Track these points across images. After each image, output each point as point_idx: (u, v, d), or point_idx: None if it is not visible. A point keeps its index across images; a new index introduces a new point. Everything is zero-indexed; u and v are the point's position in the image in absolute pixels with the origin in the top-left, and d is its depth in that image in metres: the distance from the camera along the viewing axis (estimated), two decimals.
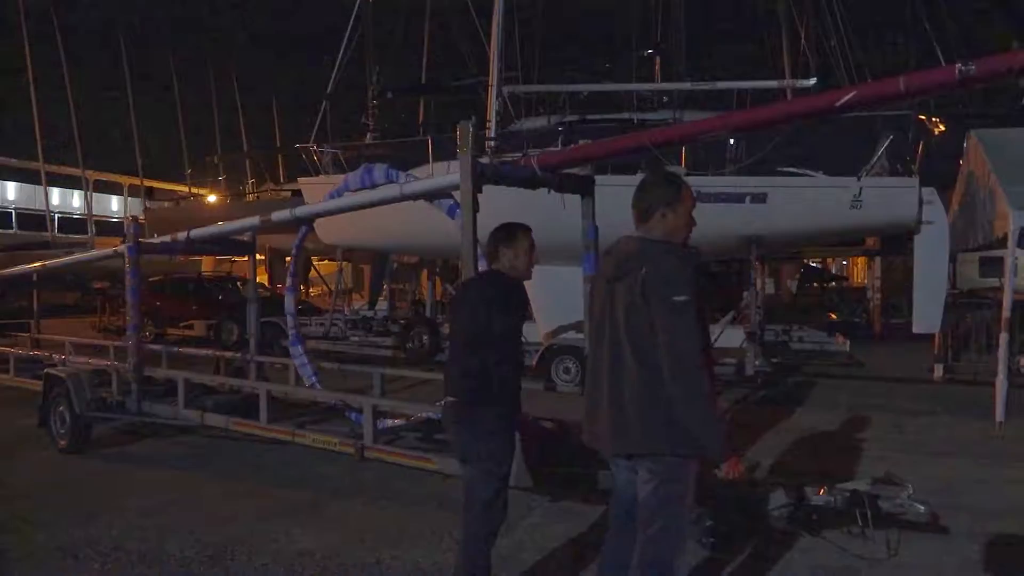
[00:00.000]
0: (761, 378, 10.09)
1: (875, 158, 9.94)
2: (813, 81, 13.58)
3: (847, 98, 4.20)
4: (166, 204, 35.51)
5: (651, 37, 17.37)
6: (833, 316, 18.47)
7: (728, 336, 9.91)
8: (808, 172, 10.58)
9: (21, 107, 36.13)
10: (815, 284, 26.87)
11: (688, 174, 10.28)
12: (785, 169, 10.57)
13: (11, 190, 43.73)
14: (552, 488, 5.10)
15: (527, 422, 4.47)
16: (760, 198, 10.12)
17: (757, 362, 9.91)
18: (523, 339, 3.93)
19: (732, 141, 10.79)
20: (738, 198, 10.08)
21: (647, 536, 2.90)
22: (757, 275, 11.50)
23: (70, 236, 40.46)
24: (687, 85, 14.18)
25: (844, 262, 36.87)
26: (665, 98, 14.62)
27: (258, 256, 9.48)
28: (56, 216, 41.45)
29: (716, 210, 9.87)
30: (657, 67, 17.10)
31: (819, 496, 4.17)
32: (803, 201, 10.19)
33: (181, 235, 7.58)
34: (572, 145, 10.22)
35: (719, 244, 9.91)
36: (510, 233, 3.65)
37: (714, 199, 9.71)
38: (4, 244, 31.52)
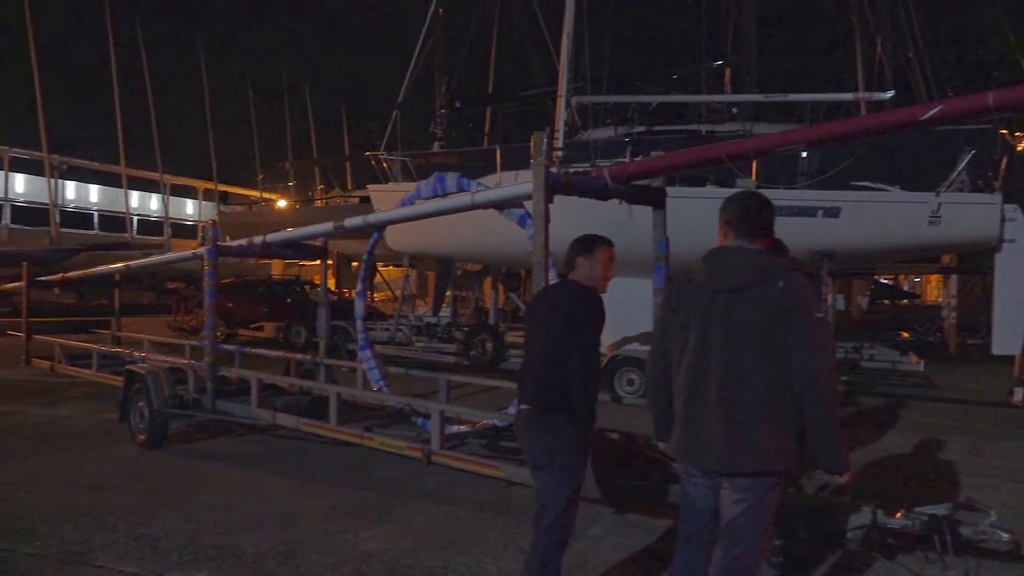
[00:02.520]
0: None
1: (955, 173, 9.65)
2: (891, 94, 13.25)
3: (932, 112, 4.09)
4: (239, 208, 36.50)
5: (721, 48, 17.22)
6: (905, 334, 17.92)
7: None
8: (884, 187, 10.31)
9: (105, 114, 37.56)
10: (887, 301, 26.16)
11: (759, 187, 10.13)
12: (859, 183, 10.33)
13: (94, 192, 45.51)
14: (618, 500, 5.08)
15: (596, 433, 4.47)
16: (833, 212, 9.92)
17: None
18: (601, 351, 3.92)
19: (804, 154, 10.60)
20: (810, 212, 9.89)
21: (735, 555, 2.87)
22: (827, 291, 11.25)
23: (148, 237, 41.96)
24: (759, 97, 14.01)
25: (917, 279, 35.78)
26: (734, 110, 14.46)
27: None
28: (135, 218, 43.07)
29: (786, 224, 9.61)
30: (727, 78, 16.93)
31: (895, 519, 4.05)
32: (878, 216, 9.96)
33: (257, 239, 7.80)
34: (640, 156, 10.20)
35: None
36: (589, 244, 3.67)
37: (785, 213, 9.52)
38: (87, 244, 32.78)
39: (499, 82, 25.02)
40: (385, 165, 15.05)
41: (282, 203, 34.77)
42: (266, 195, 39.96)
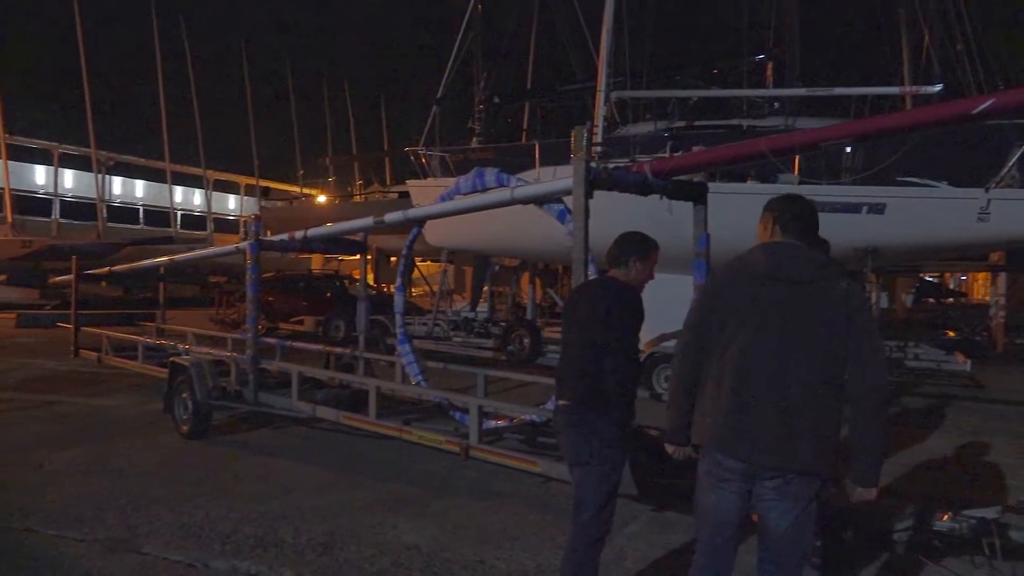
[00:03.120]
0: None
1: (1006, 169, 9.40)
2: (939, 87, 12.95)
3: (985, 106, 3.99)
4: (279, 203, 36.97)
5: (763, 41, 16.97)
6: (951, 333, 17.52)
7: None
8: (930, 182, 10.09)
9: (150, 112, 38.31)
10: (932, 299, 25.61)
11: (802, 182, 9.99)
12: (905, 179, 10.12)
13: (139, 188, 46.49)
14: (656, 498, 5.05)
15: (635, 430, 4.44)
16: (878, 209, 9.73)
17: None
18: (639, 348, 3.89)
19: (848, 149, 10.41)
20: (854, 208, 9.72)
21: (791, 565, 2.81)
22: (871, 289, 11.04)
23: (191, 232, 42.74)
24: (802, 91, 13.76)
25: (963, 277, 35.00)
26: (776, 104, 14.25)
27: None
28: (179, 213, 43.91)
29: (830, 220, 9.48)
30: (769, 72, 16.69)
31: (942, 522, 3.98)
32: (924, 212, 9.74)
33: (299, 233, 7.89)
34: (680, 152, 10.10)
35: (832, 255, 9.58)
36: (647, 248, 3.72)
37: (829, 209, 9.38)
38: (132, 238, 33.46)
39: (537, 78, 24.98)
40: (424, 160, 15.12)
41: (322, 198, 35.14)
42: (306, 190, 40.44)
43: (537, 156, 12.43)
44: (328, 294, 20.40)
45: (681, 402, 2.97)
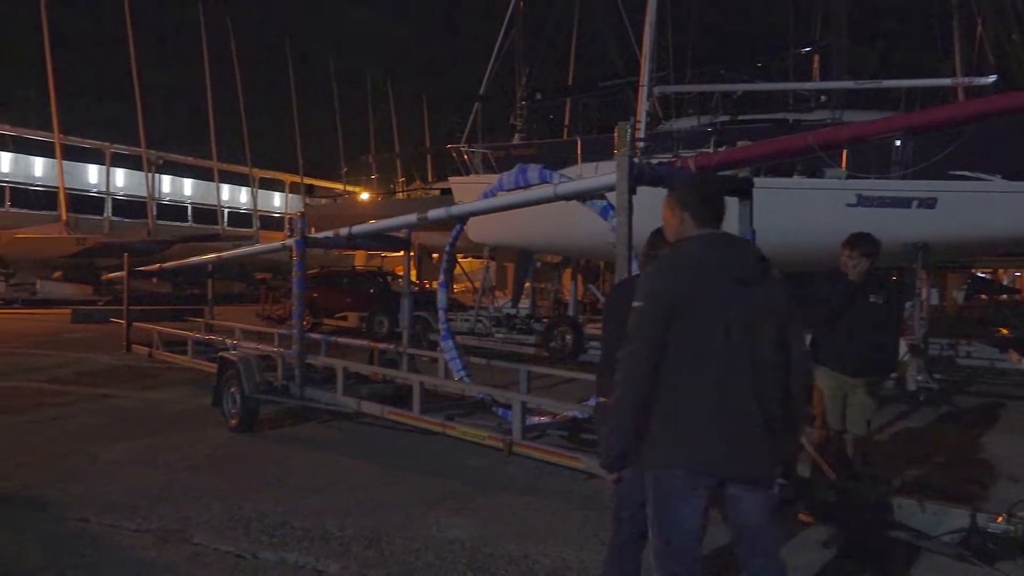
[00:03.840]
0: (924, 395, 9.46)
1: None
2: (993, 79, 12.59)
3: None
4: (323, 201, 37.44)
5: (810, 33, 16.69)
6: (1004, 331, 17.06)
7: None
8: (983, 176, 9.84)
9: (198, 111, 39.02)
10: (984, 296, 24.98)
11: (850, 176, 9.82)
12: (957, 173, 9.89)
13: (187, 186, 47.40)
14: None
15: None
16: (929, 203, 9.53)
17: (920, 377, 9.31)
18: None
19: (898, 143, 10.20)
20: (904, 203, 9.53)
21: (776, 548, 2.81)
22: (922, 285, 10.81)
23: (237, 229, 43.46)
24: (850, 84, 13.51)
25: (1017, 273, 34.01)
26: (823, 97, 14.00)
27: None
28: (226, 210, 44.68)
29: (879, 215, 9.39)
30: (815, 65, 16.39)
31: (996, 524, 3.88)
32: (977, 207, 9.52)
33: (343, 230, 7.98)
34: (724, 146, 9.99)
35: (882, 251, 9.39)
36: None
37: (877, 203, 9.23)
38: (181, 236, 34.13)
39: (579, 73, 24.91)
40: (466, 157, 15.19)
41: (364, 196, 35.49)
42: (349, 188, 40.87)
43: (579, 152, 12.41)
44: (371, 290, 20.61)
45: (631, 423, 2.70)
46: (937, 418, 8.96)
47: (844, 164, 10.31)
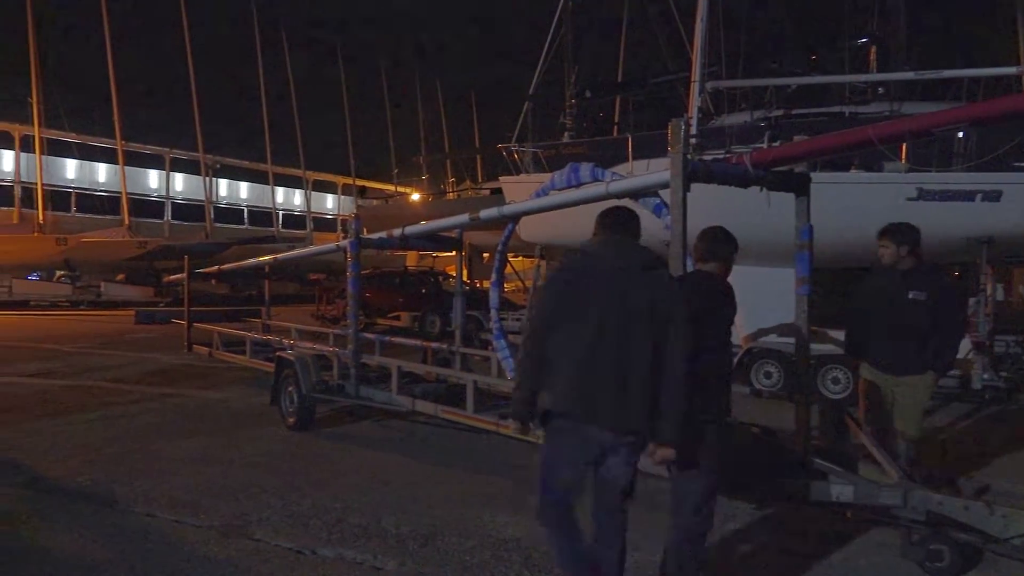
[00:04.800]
0: (990, 393, 9.18)
1: None
2: None
3: None
4: (375, 202, 37.87)
5: (866, 23, 16.28)
6: None
7: None
8: None
9: (253, 116, 39.82)
10: None
11: (910, 170, 9.55)
12: (1023, 164, 9.56)
13: (243, 189, 48.39)
14: (756, 496, 4.93)
15: (736, 427, 4.37)
16: (993, 196, 9.23)
17: (985, 375, 9.02)
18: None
19: (961, 134, 9.89)
20: (968, 196, 9.24)
21: (622, 510, 3.28)
22: (987, 280, 10.46)
23: (292, 231, 44.24)
24: (910, 75, 13.12)
25: None
26: (881, 90, 13.65)
27: None
28: (280, 213, 45.54)
29: (942, 209, 9.13)
30: (872, 56, 15.99)
31: None
32: None
33: (396, 231, 8.06)
34: (779, 141, 9.82)
35: (944, 246, 9.13)
36: (735, 243, 3.78)
37: (940, 197, 8.97)
38: (238, 238, 34.89)
39: (629, 70, 24.74)
40: (516, 156, 15.20)
41: (415, 196, 35.82)
42: (401, 189, 41.28)
43: (630, 150, 12.31)
44: (423, 290, 20.77)
45: (532, 376, 3.33)
46: (1004, 417, 8.69)
47: (904, 157, 10.04)
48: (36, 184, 32.30)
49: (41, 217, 32.05)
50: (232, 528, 4.79)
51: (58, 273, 32.71)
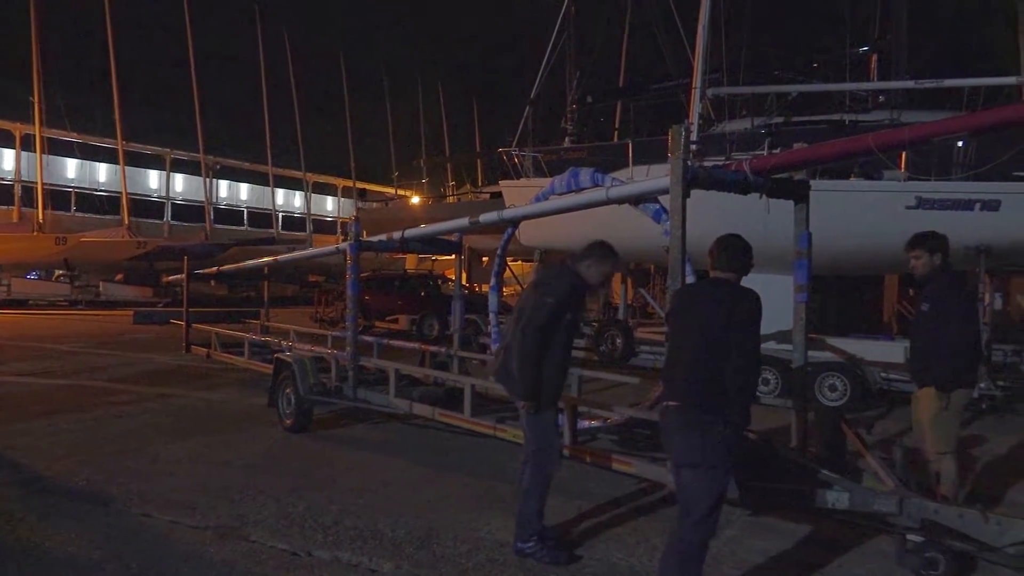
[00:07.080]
0: (987, 402, 9.19)
1: None
2: None
3: None
4: (375, 205, 37.88)
5: (867, 31, 16.32)
6: None
7: None
8: None
9: (254, 118, 39.84)
10: None
11: (909, 179, 9.58)
12: (1021, 174, 9.58)
13: (243, 191, 48.36)
14: (754, 502, 4.93)
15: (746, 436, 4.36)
16: (992, 205, 9.25)
17: (982, 384, 9.02)
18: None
19: (960, 144, 9.92)
20: (966, 205, 9.26)
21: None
22: (985, 289, 10.48)
23: (292, 233, 44.25)
24: (910, 83, 13.16)
25: None
26: (881, 98, 13.69)
27: None
28: (280, 214, 45.55)
29: (939, 218, 9.13)
30: (873, 64, 16.03)
31: None
32: None
33: (396, 234, 8.07)
34: (779, 148, 9.82)
35: None
36: (752, 252, 3.75)
37: (938, 206, 8.99)
38: (237, 239, 34.87)
39: (630, 76, 24.79)
40: (516, 161, 15.21)
41: (415, 199, 35.85)
42: (401, 191, 41.31)
43: (630, 155, 12.33)
44: (422, 293, 20.77)
45: (537, 373, 4.57)
46: (1000, 427, 8.69)
47: (903, 166, 10.06)
48: (36, 183, 32.29)
49: (41, 216, 32.03)
50: (228, 529, 4.79)
51: (57, 272, 32.71)
